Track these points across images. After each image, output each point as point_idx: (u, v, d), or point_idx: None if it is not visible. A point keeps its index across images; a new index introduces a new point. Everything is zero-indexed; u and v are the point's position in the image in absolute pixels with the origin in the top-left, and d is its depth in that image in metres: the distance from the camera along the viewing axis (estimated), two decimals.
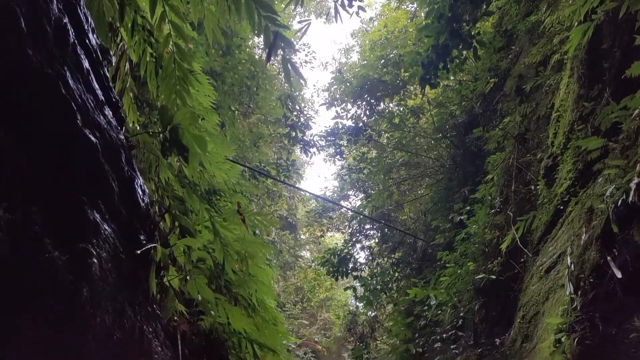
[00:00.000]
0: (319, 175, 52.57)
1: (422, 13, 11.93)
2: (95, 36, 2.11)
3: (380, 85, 13.33)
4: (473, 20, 7.44)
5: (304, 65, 17.42)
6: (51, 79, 1.50)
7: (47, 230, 1.49)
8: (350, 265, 15.05)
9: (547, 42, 7.10)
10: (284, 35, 3.17)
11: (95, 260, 1.67)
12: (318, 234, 22.69)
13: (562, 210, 6.05)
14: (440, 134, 12.58)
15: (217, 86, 9.26)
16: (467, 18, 7.36)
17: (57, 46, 1.57)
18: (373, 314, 16.40)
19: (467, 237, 8.80)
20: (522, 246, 7.23)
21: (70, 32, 1.74)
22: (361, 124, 14.10)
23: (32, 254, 1.41)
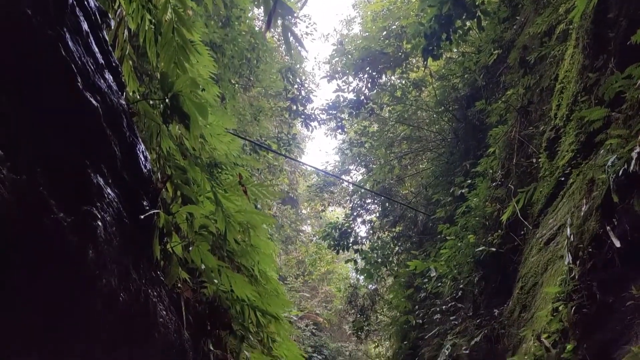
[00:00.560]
0: (320, 150, 52.48)
1: None
2: None
3: (382, 57, 13.16)
4: None
5: (305, 37, 17.16)
6: (51, 41, 1.49)
7: (51, 192, 1.50)
8: (351, 239, 15.19)
9: (553, 11, 6.97)
10: (284, 2, 3.12)
11: (99, 223, 1.69)
12: (319, 208, 22.81)
13: (563, 182, 6.06)
14: (442, 107, 12.49)
15: (217, 58, 9.15)
16: None
17: (56, 7, 1.55)
18: (373, 287, 16.62)
19: (467, 211, 8.84)
20: (523, 219, 7.27)
21: None
22: (363, 97, 13.98)
23: (38, 214, 1.43)
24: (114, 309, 1.86)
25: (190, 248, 3.08)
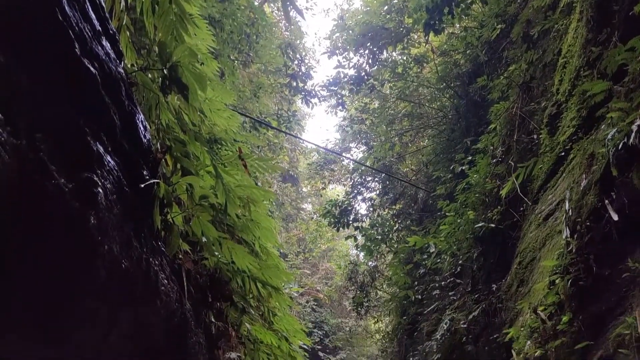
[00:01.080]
0: (320, 127, 52.16)
1: None
2: None
3: (383, 32, 12.98)
4: None
5: (305, 12, 16.89)
6: (48, 4, 1.47)
7: (51, 158, 1.51)
8: (352, 216, 15.26)
9: None
10: None
11: (100, 190, 1.70)
12: (320, 186, 22.85)
13: (563, 158, 6.05)
14: (443, 84, 12.39)
15: (216, 34, 9.03)
16: None
17: None
18: (373, 263, 16.78)
19: (467, 187, 8.86)
20: (522, 195, 7.29)
21: None
22: (363, 73, 13.85)
23: (39, 179, 1.44)
24: (116, 275, 1.89)
25: (191, 220, 3.10)
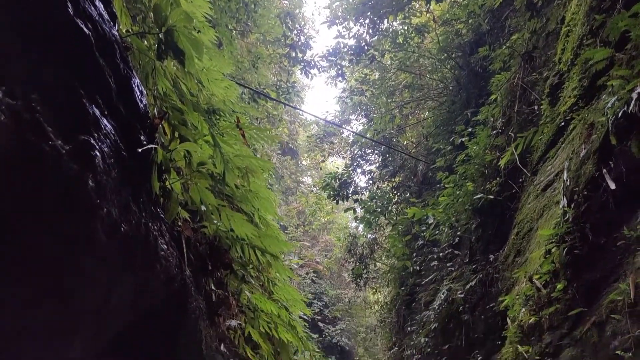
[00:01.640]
0: (319, 99, 51.72)
1: None
2: None
3: (384, 1, 12.71)
4: None
5: None
6: None
7: (47, 119, 1.50)
8: (351, 189, 15.31)
9: None
10: None
11: (97, 153, 1.71)
12: (319, 159, 22.84)
13: (563, 128, 6.03)
14: (445, 54, 12.22)
15: (213, 1, 8.84)
16: None
17: None
18: (372, 236, 16.92)
19: (467, 159, 8.86)
20: (522, 166, 7.30)
21: None
22: (364, 43, 13.63)
23: (36, 140, 1.44)
24: (115, 238, 1.91)
25: (190, 188, 3.11)
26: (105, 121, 1.80)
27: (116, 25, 2.04)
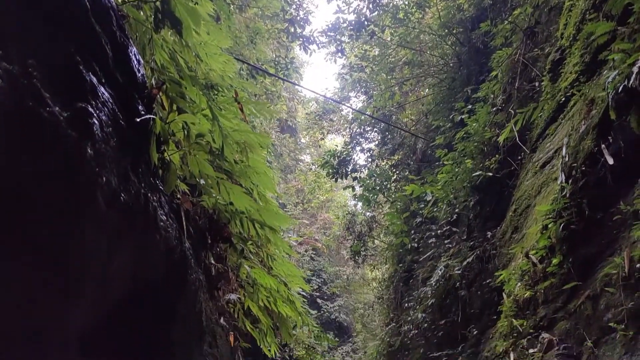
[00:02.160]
0: (318, 76, 51.17)
1: None
2: None
3: None
4: None
5: None
6: None
7: (45, 85, 1.49)
8: (350, 167, 15.29)
9: None
10: None
11: (95, 121, 1.70)
12: (318, 136, 22.74)
13: (564, 105, 6.00)
14: (446, 30, 12.05)
15: None
16: None
17: None
18: (371, 213, 16.99)
19: (466, 136, 8.83)
20: (521, 143, 7.28)
21: None
22: (364, 18, 13.42)
23: (34, 106, 1.43)
24: (115, 209, 1.92)
25: (188, 160, 3.11)
26: (102, 89, 1.79)
27: None
